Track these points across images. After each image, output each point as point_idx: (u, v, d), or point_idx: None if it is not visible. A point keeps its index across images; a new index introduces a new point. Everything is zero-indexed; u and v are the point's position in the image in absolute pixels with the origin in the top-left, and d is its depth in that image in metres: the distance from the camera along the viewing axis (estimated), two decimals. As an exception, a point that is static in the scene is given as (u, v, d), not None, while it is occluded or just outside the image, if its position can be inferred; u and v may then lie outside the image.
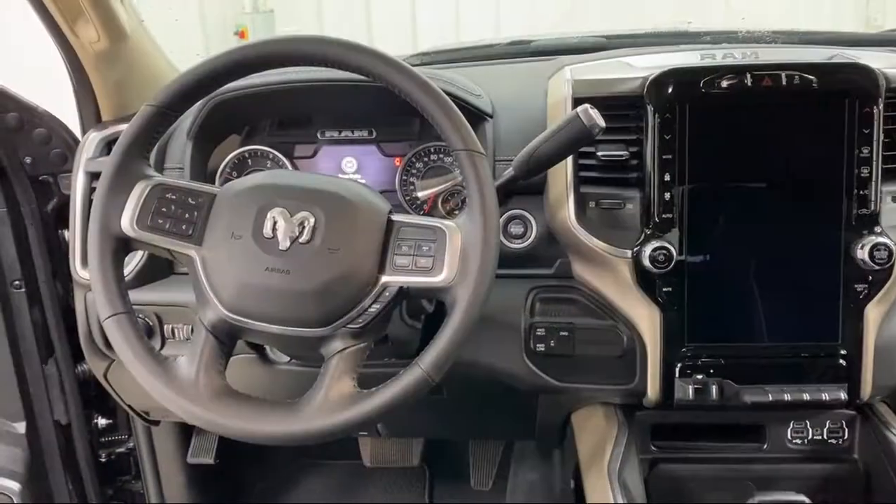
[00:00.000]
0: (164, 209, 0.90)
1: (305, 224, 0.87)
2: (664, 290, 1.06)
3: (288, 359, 1.22)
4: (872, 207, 1.03)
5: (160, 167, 1.21)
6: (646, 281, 1.06)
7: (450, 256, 0.86)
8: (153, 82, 1.34)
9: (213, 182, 1.24)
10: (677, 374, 1.07)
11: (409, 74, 0.89)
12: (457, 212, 1.20)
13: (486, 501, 1.82)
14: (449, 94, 0.92)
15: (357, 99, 1.19)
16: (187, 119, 1.20)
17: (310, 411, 0.84)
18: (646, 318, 1.08)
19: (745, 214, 1.06)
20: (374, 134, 1.24)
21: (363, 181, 1.24)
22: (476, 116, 1.14)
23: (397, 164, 1.24)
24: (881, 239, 1.02)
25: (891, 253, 1.01)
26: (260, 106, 1.23)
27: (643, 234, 1.06)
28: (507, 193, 1.13)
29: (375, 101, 1.14)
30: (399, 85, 0.89)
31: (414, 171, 1.23)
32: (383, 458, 1.88)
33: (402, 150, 1.24)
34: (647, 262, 1.04)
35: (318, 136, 1.25)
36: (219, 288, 0.88)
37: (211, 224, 0.90)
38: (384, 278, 0.87)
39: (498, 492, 1.81)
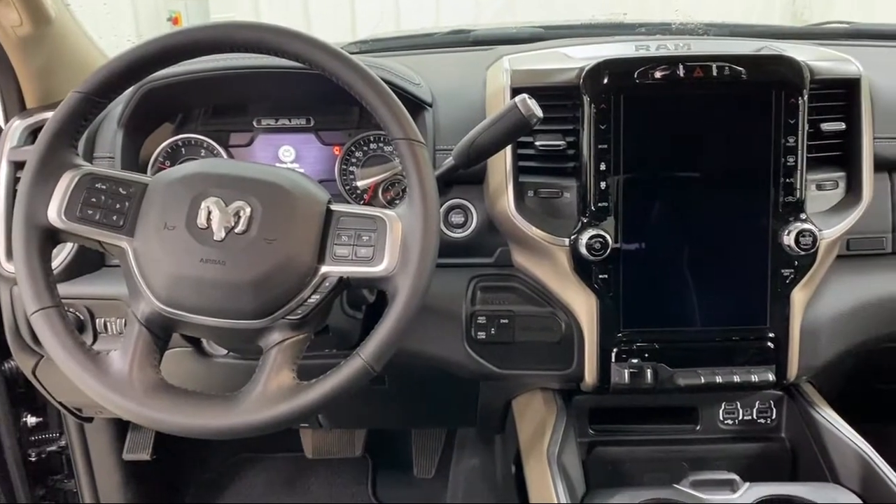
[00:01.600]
0: (93, 200, 0.87)
1: (241, 214, 0.85)
2: (600, 277, 1.08)
3: (225, 351, 1.20)
4: (798, 195, 1.07)
5: (89, 156, 1.17)
6: (583, 268, 1.08)
7: (390, 246, 0.86)
8: (81, 69, 1.29)
9: (145, 172, 1.21)
10: (613, 359, 1.10)
11: (347, 62, 0.88)
12: (397, 201, 1.19)
13: (428, 489, 1.83)
14: (388, 82, 0.91)
15: (294, 86, 1.17)
16: (117, 107, 1.16)
17: (248, 404, 0.83)
18: (583, 305, 1.10)
19: (677, 203, 1.08)
20: (313, 122, 1.23)
21: (301, 170, 1.22)
22: (415, 105, 1.14)
23: (336, 152, 1.22)
24: (806, 225, 1.06)
25: (815, 239, 1.05)
26: (193, 93, 1.20)
27: (580, 223, 1.07)
28: (448, 183, 1.13)
29: (313, 89, 1.13)
30: (336, 73, 0.88)
31: (353, 160, 1.22)
32: (325, 449, 1.87)
33: (342, 139, 1.23)
34: (583, 250, 1.05)
35: (255, 124, 1.23)
36: (152, 280, 0.86)
37: (143, 215, 0.87)
38: (323, 268, 0.87)
39: (441, 479, 1.82)
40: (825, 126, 1.09)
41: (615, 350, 1.10)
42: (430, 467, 1.87)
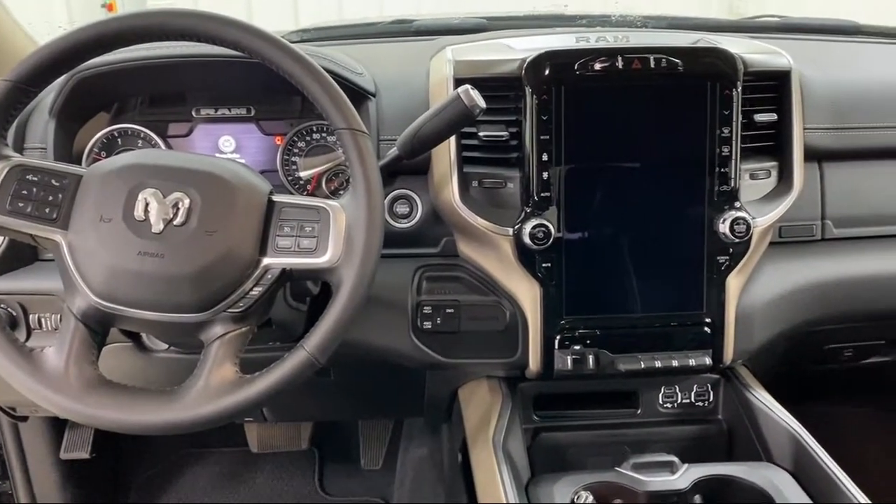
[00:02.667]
0: (24, 192, 0.84)
1: (180, 206, 0.84)
2: (543, 266, 1.09)
3: (166, 346, 1.18)
4: (732, 184, 1.10)
5: (19, 147, 1.13)
6: (526, 258, 1.09)
7: (334, 237, 0.86)
8: (9, 56, 1.25)
9: (79, 163, 1.17)
10: (557, 346, 1.12)
11: (287, 51, 0.87)
12: (341, 192, 1.19)
13: (376, 480, 1.84)
14: (330, 71, 0.90)
15: (234, 76, 1.15)
16: (49, 95, 1.12)
17: (190, 398, 0.82)
18: (527, 294, 1.11)
19: (618, 192, 1.10)
20: (253, 112, 1.21)
21: (242, 161, 1.20)
22: (358, 95, 1.13)
23: (278, 143, 1.21)
24: (740, 213, 1.09)
25: (748, 227, 1.09)
26: (129, 82, 1.16)
27: (523, 213, 1.09)
28: (392, 173, 1.13)
29: (254, 78, 1.11)
30: (276, 62, 0.87)
31: (296, 151, 1.21)
32: (271, 443, 1.86)
33: (283, 129, 1.21)
34: (527, 240, 1.07)
35: (194, 114, 1.20)
36: (88, 274, 0.83)
37: (77, 207, 0.85)
38: (266, 260, 0.86)
39: (388, 470, 1.83)
40: (758, 117, 1.12)
41: (558, 337, 1.12)
42: (377, 458, 1.87)
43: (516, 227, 1.08)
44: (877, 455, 1.88)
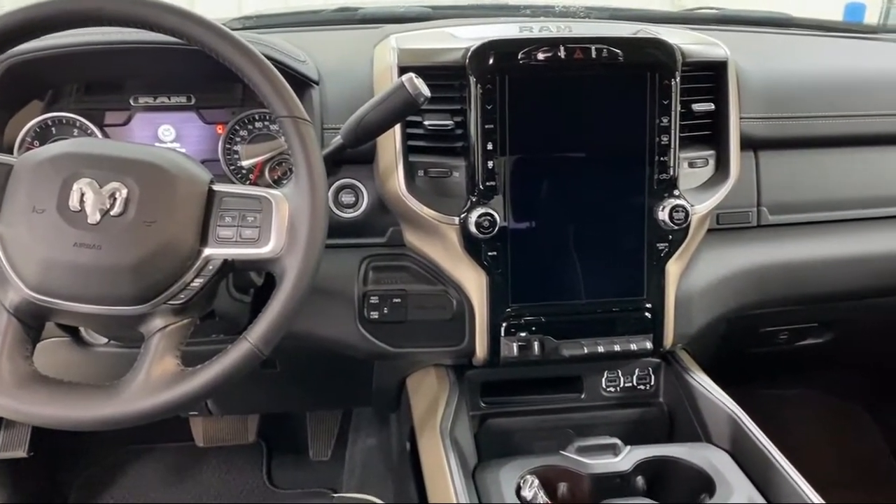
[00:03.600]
0: None
1: (117, 196, 0.81)
2: (489, 254, 1.10)
3: (105, 340, 1.15)
4: (671, 173, 1.12)
5: (-55, 136, 1.08)
6: (472, 246, 1.10)
7: (277, 227, 0.85)
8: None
9: (11, 153, 1.13)
10: (503, 334, 1.13)
11: (227, 38, 0.85)
12: (285, 181, 1.17)
13: (325, 472, 1.83)
14: (271, 59, 0.89)
15: (173, 63, 1.12)
16: (-24, 82, 1.08)
17: (130, 393, 0.80)
18: (473, 282, 1.12)
19: (561, 181, 1.12)
20: (194, 100, 1.18)
21: (182, 150, 1.17)
22: (301, 83, 1.12)
23: (219, 131, 1.19)
24: (679, 201, 1.11)
25: (687, 214, 1.11)
26: (64, 69, 1.13)
27: (469, 202, 1.09)
28: (336, 162, 1.12)
29: (194, 66, 1.08)
30: (217, 49, 0.85)
31: (238, 140, 1.19)
32: (217, 437, 1.83)
33: (224, 117, 1.19)
34: (473, 229, 1.07)
35: (132, 102, 1.17)
36: (21, 267, 0.81)
37: (8, 198, 0.82)
38: (207, 251, 0.84)
39: (337, 461, 1.82)
40: (696, 106, 1.15)
41: (504, 325, 1.13)
42: (326, 449, 1.86)
43: (462, 216, 1.09)
44: (812, 434, 1.96)
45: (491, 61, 1.06)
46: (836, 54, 1.45)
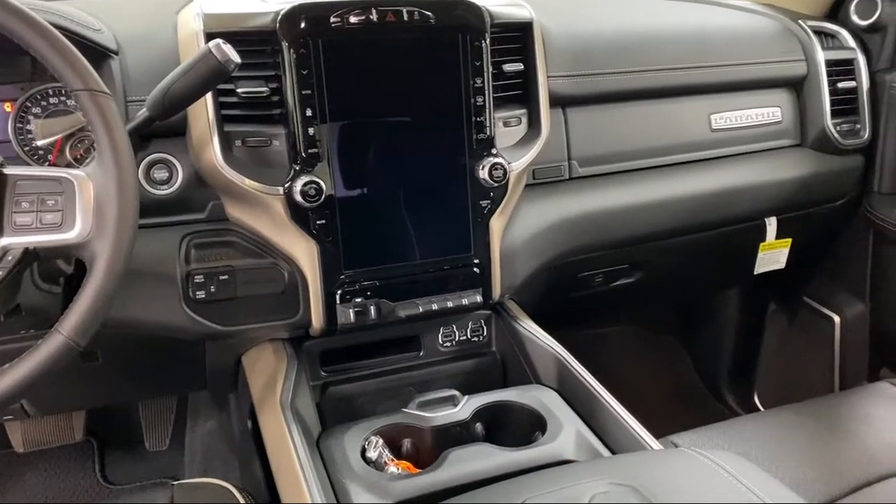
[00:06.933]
0: None
1: None
2: (318, 223, 1.09)
3: None
4: (488, 132, 1.16)
5: None
6: (299, 216, 1.08)
7: (82, 209, 0.79)
8: None
9: None
10: (338, 301, 1.13)
11: (6, 6, 0.77)
12: (89, 160, 1.09)
13: (164, 461, 1.76)
14: (60, 27, 0.82)
15: None
16: None
17: None
18: (303, 252, 1.11)
19: (385, 145, 1.12)
20: None
21: (-35, 132, 1.06)
22: (97, 53, 1.04)
23: (9, 109, 1.08)
24: (497, 160, 1.16)
25: (505, 171, 1.16)
26: None
27: (292, 171, 1.07)
28: (145, 136, 1.06)
29: None
30: None
31: (31, 117, 1.09)
32: (40, 439, 1.70)
33: (13, 94, 1.08)
34: (298, 198, 1.05)
35: None
36: None
37: None
38: (3, 241, 0.78)
39: (176, 449, 1.75)
40: (506, 67, 1.19)
41: (339, 292, 1.13)
42: (163, 438, 1.78)
43: (286, 185, 1.06)
44: (631, 366, 2.14)
45: (303, 25, 1.04)
46: (633, 13, 1.55)
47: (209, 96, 1.02)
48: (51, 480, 1.75)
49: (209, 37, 1.01)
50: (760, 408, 2.02)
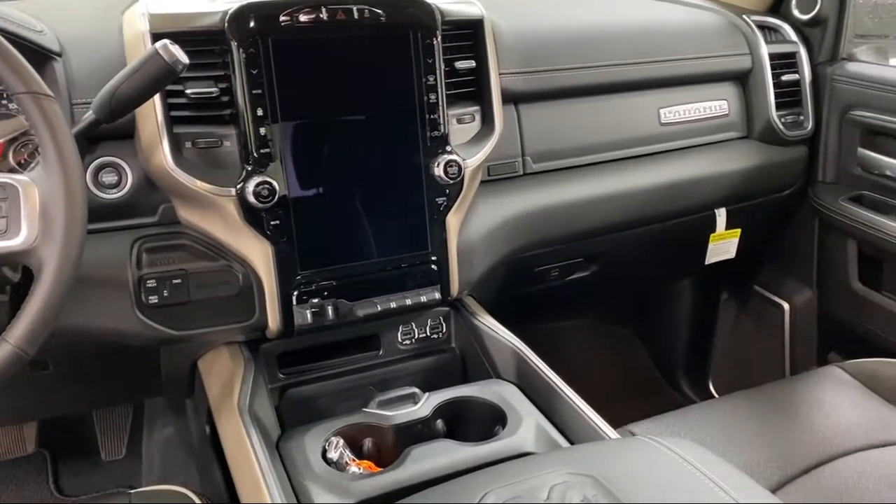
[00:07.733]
0: None
1: None
2: (272, 223, 1.08)
3: None
4: (442, 130, 1.17)
5: None
6: (253, 217, 1.07)
7: (27, 215, 0.77)
8: None
9: None
10: (295, 302, 1.12)
11: None
12: (34, 164, 1.06)
13: (121, 470, 1.72)
14: None
15: None
16: None
17: None
18: (258, 254, 1.10)
19: (339, 144, 1.12)
20: None
21: None
22: (40, 56, 1.01)
23: (-54, 114, 1.05)
24: (452, 157, 1.16)
25: (460, 168, 1.17)
26: None
27: (244, 171, 1.06)
28: (92, 139, 1.04)
29: None
30: None
31: (-30, 122, 1.05)
32: (-12, 453, 1.65)
33: None
34: (251, 199, 1.04)
35: None
36: None
37: None
38: None
39: (133, 458, 1.72)
40: (458, 64, 1.20)
41: (295, 293, 1.12)
42: (119, 447, 1.75)
43: (238, 186, 1.05)
44: (588, 358, 2.17)
45: (252, 24, 1.03)
46: (581, 10, 1.57)
47: (157, 97, 1.01)
48: (1, 495, 1.70)
49: (156, 37, 0.99)
50: (715, 394, 2.07)
